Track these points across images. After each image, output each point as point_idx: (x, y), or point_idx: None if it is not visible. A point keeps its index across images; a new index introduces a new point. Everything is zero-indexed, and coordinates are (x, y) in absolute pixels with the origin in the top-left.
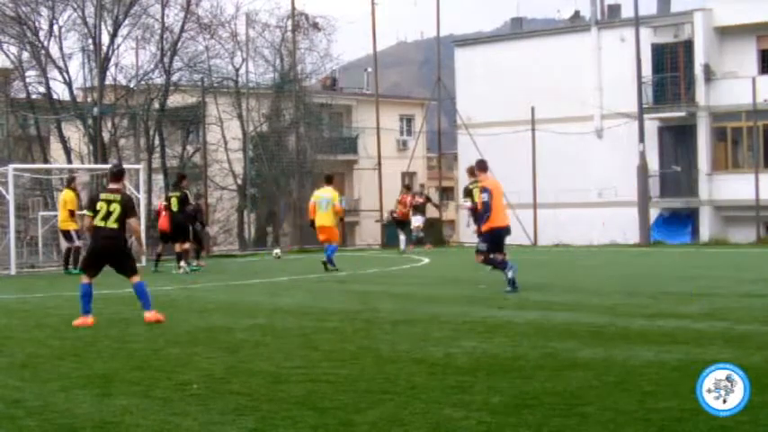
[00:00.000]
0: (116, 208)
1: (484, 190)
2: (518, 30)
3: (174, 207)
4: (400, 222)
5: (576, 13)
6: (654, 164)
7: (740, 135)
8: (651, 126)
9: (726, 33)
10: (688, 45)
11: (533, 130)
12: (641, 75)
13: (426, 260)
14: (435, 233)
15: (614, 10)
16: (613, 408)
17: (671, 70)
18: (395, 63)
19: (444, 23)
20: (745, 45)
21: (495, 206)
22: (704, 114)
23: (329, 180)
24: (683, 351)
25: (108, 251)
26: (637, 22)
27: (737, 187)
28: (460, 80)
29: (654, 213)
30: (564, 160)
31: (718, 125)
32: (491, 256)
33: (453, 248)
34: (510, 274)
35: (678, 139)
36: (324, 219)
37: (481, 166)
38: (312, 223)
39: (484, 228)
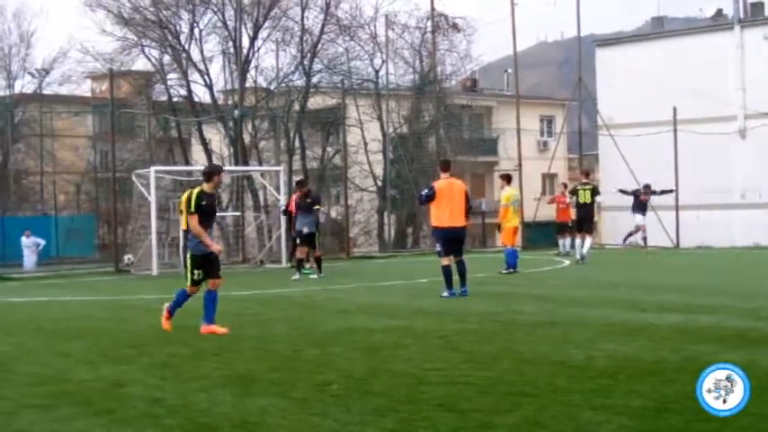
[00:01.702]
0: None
1: (429, 188)
2: (659, 29)
3: None
4: (562, 225)
5: (719, 12)
6: None
7: None
8: None
9: None
10: None
11: (675, 130)
12: None
13: (567, 262)
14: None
15: (758, 7)
16: (755, 413)
17: None
18: (535, 64)
19: (584, 23)
20: None
21: (439, 205)
22: None
23: (510, 179)
24: (746, 353)
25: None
26: None
27: None
28: (601, 80)
29: None
30: (706, 161)
31: None
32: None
33: (595, 250)
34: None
35: None
36: (516, 220)
37: (443, 166)
38: (499, 226)
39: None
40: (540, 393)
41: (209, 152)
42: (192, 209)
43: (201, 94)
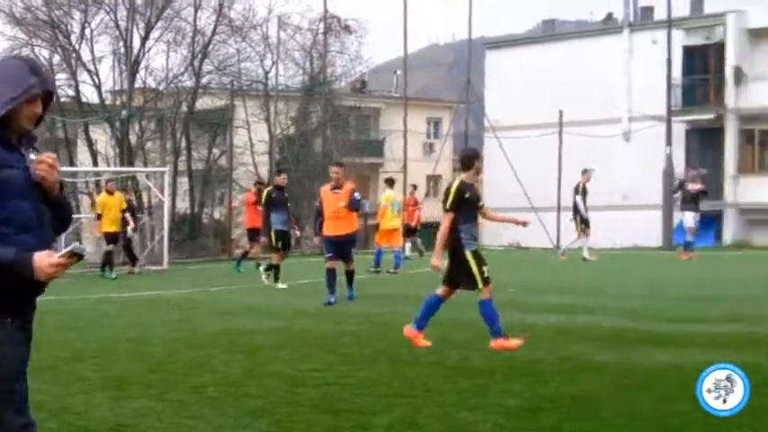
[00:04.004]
0: None
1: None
2: (550, 32)
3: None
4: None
5: (609, 15)
6: (680, 167)
7: None
8: (678, 129)
9: (758, 35)
10: (719, 47)
11: (561, 132)
12: (671, 77)
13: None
14: None
15: (647, 12)
16: (630, 411)
17: (701, 72)
18: (425, 65)
19: (476, 25)
20: None
21: (325, 213)
22: (733, 117)
23: (392, 183)
24: (702, 354)
25: None
26: (669, 23)
27: (764, 190)
28: (490, 82)
29: (678, 217)
30: (590, 163)
31: (747, 127)
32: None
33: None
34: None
35: (705, 141)
36: (395, 221)
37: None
38: (376, 226)
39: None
40: (416, 394)
41: (94, 153)
42: None
43: (90, 95)
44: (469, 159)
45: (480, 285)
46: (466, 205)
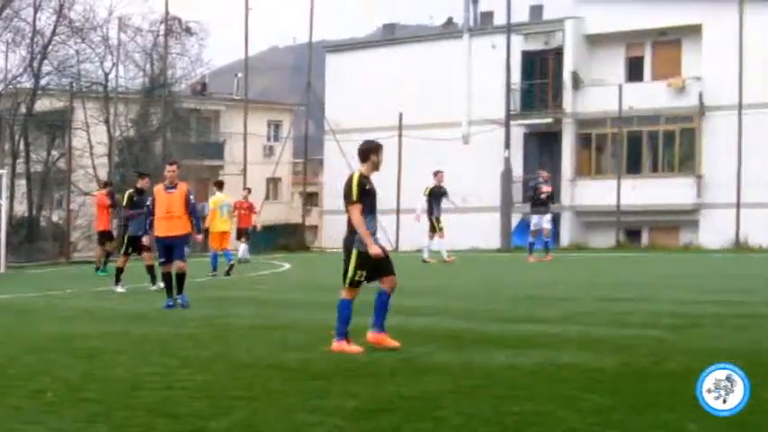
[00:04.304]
0: None
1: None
2: (390, 36)
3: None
4: (241, 231)
5: (449, 20)
6: (518, 170)
7: (605, 142)
8: (517, 132)
9: (595, 41)
10: (558, 52)
11: (400, 135)
12: (510, 82)
13: (287, 266)
14: (297, 238)
15: (487, 17)
16: (468, 412)
17: (540, 77)
18: (266, 68)
19: (317, 29)
20: (613, 53)
21: (157, 212)
22: (570, 121)
23: (221, 186)
24: (538, 355)
25: None
26: (509, 29)
27: (599, 193)
28: (330, 86)
29: (516, 219)
30: (430, 166)
31: (584, 132)
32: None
33: (314, 254)
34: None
35: (543, 145)
36: (225, 225)
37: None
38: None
39: None
40: (255, 396)
41: None
42: None
43: None
44: (363, 152)
45: (345, 284)
46: (366, 198)
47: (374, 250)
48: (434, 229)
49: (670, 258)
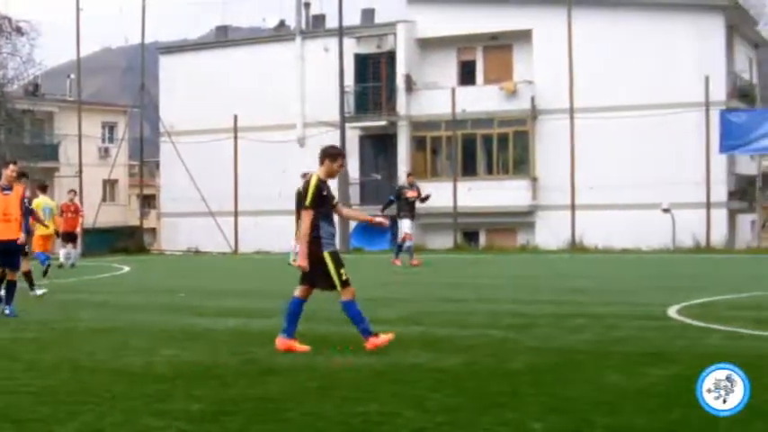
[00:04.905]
0: None
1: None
2: (223, 38)
3: None
4: (67, 234)
5: (282, 23)
6: (355, 172)
7: (439, 144)
8: (353, 135)
9: (427, 45)
10: (391, 56)
11: (236, 137)
12: (344, 84)
13: (126, 268)
14: (136, 241)
15: (319, 20)
16: (313, 413)
17: (373, 80)
18: (99, 69)
19: (150, 30)
20: (445, 57)
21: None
22: (405, 124)
23: (45, 189)
24: (382, 355)
25: None
26: (341, 32)
27: (435, 195)
28: (164, 88)
29: (353, 222)
30: (266, 168)
31: (418, 134)
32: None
33: (154, 256)
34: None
35: (379, 147)
36: (47, 228)
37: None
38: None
39: None
40: (99, 401)
41: None
42: None
43: None
44: (320, 156)
45: (339, 288)
46: (324, 202)
47: (302, 263)
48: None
49: (507, 259)
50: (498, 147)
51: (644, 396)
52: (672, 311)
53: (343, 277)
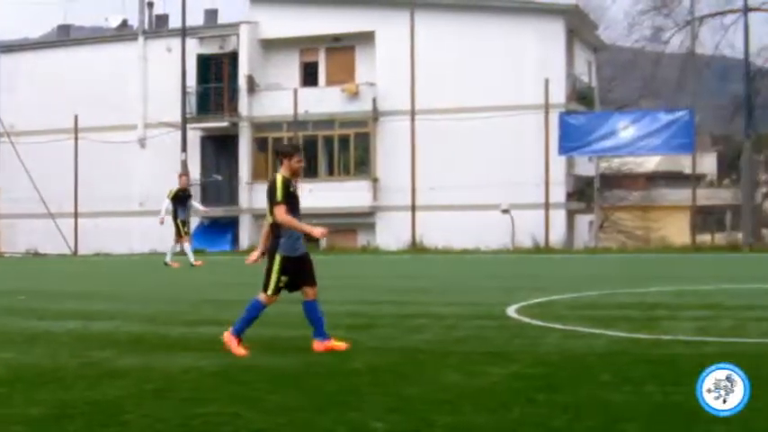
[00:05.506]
0: None
1: None
2: (65, 37)
3: None
4: None
5: (124, 22)
6: (196, 173)
7: None
8: (194, 136)
9: (270, 46)
10: (233, 56)
11: (76, 138)
12: (186, 85)
13: None
14: None
15: (162, 20)
16: (152, 415)
17: (216, 81)
18: None
19: None
20: (288, 58)
21: None
22: (246, 125)
23: None
24: (221, 357)
25: None
26: (183, 32)
27: None
28: (4, 87)
29: (195, 222)
30: (106, 169)
31: (260, 135)
32: None
33: None
34: None
35: (220, 148)
36: None
37: None
38: None
39: None
40: None
41: None
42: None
43: None
44: (278, 158)
45: (268, 291)
46: (291, 200)
47: (318, 231)
48: (180, 233)
49: (348, 260)
50: (340, 148)
51: (483, 395)
52: (511, 311)
53: (279, 285)
